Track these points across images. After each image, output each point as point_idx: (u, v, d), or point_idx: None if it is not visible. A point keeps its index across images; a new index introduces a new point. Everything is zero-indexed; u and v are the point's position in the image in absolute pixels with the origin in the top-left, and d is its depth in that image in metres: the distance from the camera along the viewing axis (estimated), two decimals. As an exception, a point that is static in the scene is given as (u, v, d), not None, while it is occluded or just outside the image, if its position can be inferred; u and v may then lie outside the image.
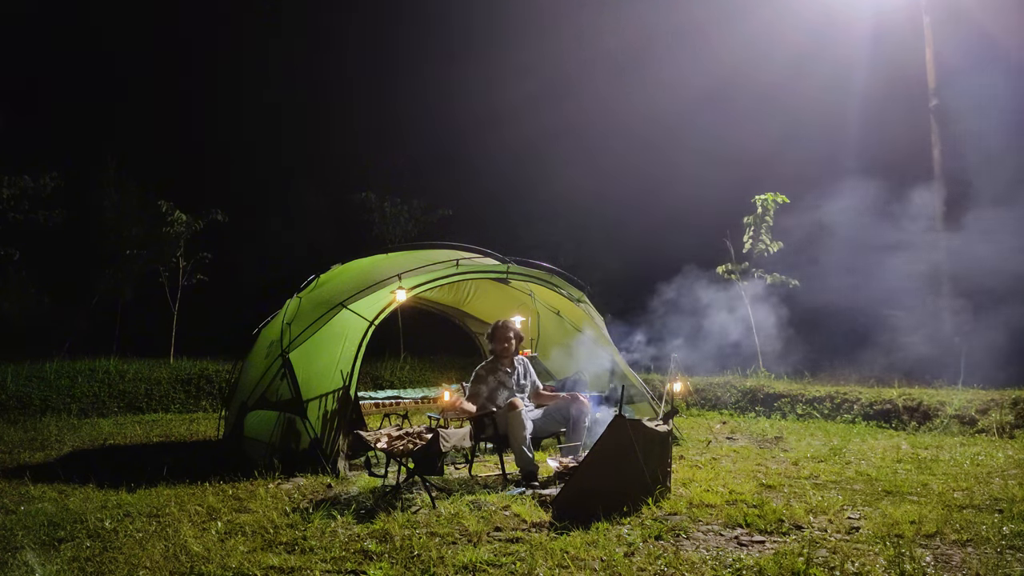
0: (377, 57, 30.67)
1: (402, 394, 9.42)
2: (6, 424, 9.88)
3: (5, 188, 14.06)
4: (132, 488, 5.57)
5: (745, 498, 5.11)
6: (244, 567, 3.73)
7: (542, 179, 22.83)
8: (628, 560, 3.83)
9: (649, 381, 10.50)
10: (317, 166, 25.43)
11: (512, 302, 9.60)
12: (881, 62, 17.38)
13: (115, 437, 8.86)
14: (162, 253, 15.43)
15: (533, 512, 4.78)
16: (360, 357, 6.59)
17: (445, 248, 8.06)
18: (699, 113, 21.62)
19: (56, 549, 4.10)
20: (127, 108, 24.90)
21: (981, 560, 3.81)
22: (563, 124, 24.74)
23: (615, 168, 23.35)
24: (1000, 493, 5.29)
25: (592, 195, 21.81)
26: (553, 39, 26.89)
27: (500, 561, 3.83)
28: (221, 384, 12.26)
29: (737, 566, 3.71)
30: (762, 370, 12.63)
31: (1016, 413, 8.53)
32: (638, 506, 4.78)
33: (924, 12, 14.07)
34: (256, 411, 6.92)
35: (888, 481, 5.78)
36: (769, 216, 13.13)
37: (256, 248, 21.30)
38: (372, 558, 3.90)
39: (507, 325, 6.64)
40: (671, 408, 6.06)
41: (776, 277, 13.13)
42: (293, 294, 7.94)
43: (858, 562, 3.75)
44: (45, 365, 12.00)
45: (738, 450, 7.54)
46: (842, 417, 9.98)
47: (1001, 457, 6.89)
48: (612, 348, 8.27)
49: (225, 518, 4.68)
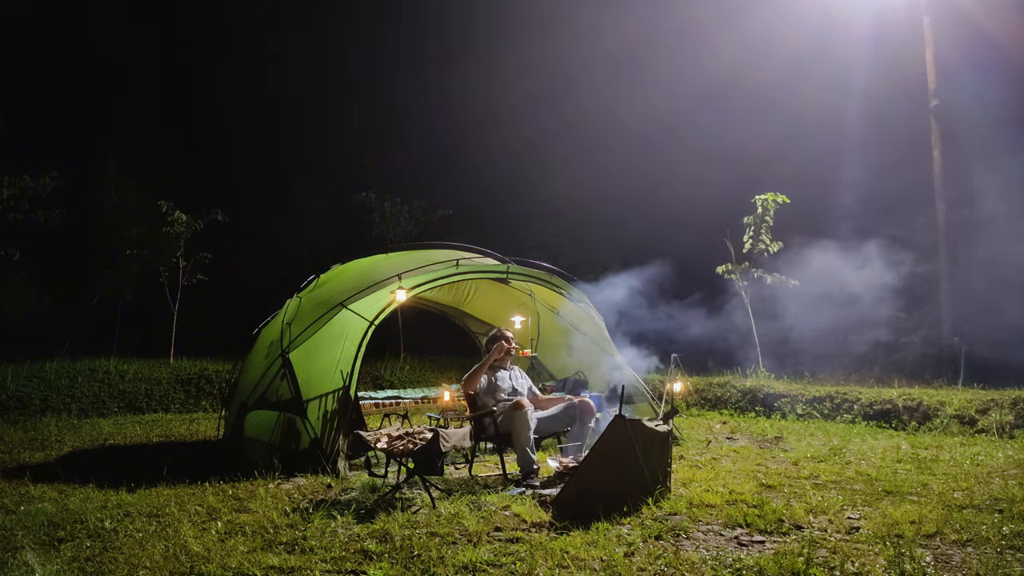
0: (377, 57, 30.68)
1: (402, 394, 9.42)
2: (6, 424, 9.88)
3: (5, 188, 14.07)
4: (132, 488, 5.57)
5: (745, 498, 5.11)
6: (244, 567, 3.73)
7: (542, 179, 22.86)
8: (628, 560, 3.83)
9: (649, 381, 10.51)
10: (317, 166, 25.46)
11: (512, 302, 9.60)
12: (881, 62, 17.39)
13: (115, 437, 8.86)
14: (162, 253, 15.43)
15: (533, 512, 4.78)
16: (360, 357, 6.59)
17: (445, 248, 8.06)
18: (699, 113, 21.64)
19: (56, 549, 4.10)
20: (127, 108, 24.92)
21: (981, 560, 3.81)
22: (563, 124, 24.77)
23: (615, 168, 23.37)
24: (1000, 493, 5.29)
25: (592, 195, 21.84)
26: (553, 39, 26.91)
27: (500, 561, 3.83)
28: (221, 384, 12.26)
29: (737, 566, 3.71)
30: (762, 370, 12.63)
31: (1016, 413, 8.53)
32: (638, 506, 4.78)
33: (924, 12, 14.08)
34: (256, 411, 6.91)
35: (888, 481, 5.78)
36: (769, 216, 13.13)
37: (256, 248, 21.31)
38: (372, 558, 3.90)
39: (503, 333, 6.68)
40: (671, 408, 6.06)
41: (776, 277, 13.13)
42: (293, 294, 7.94)
43: (858, 562, 3.75)
44: (45, 365, 12.00)
45: (738, 450, 7.54)
46: (842, 417, 9.98)
47: (1001, 457, 6.89)
48: (612, 348, 8.27)
49: (225, 518, 4.68)
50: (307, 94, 28.25)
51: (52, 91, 24.28)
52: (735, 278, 13.33)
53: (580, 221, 22.08)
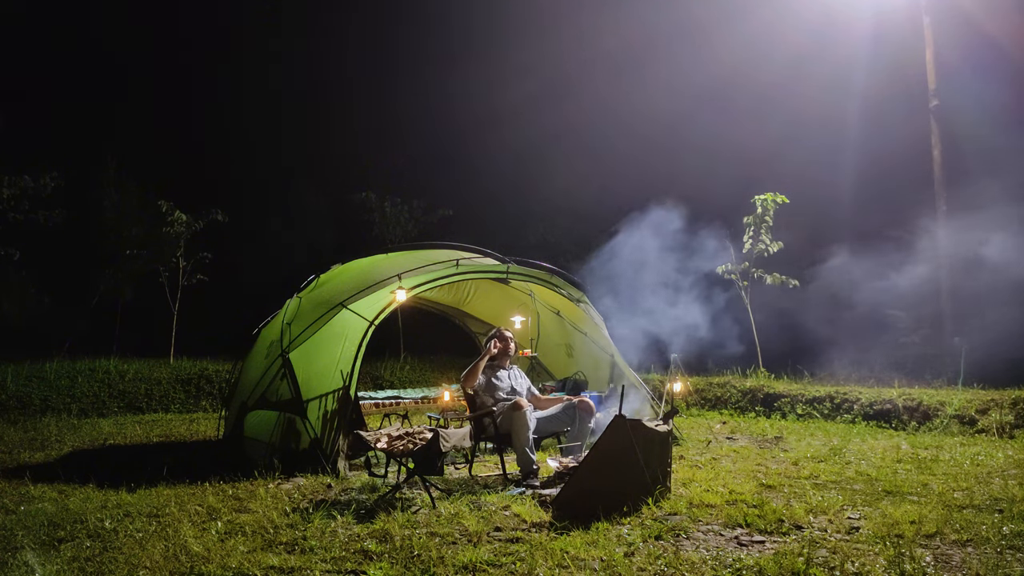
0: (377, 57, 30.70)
1: (402, 394, 9.42)
2: (6, 424, 9.88)
3: (5, 188, 14.07)
4: (132, 488, 5.57)
5: (745, 498, 5.11)
6: (244, 567, 3.73)
7: (543, 178, 22.86)
8: (628, 560, 3.83)
9: (649, 381, 10.50)
10: (317, 166, 25.48)
11: (512, 302, 9.60)
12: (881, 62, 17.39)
13: (115, 437, 8.86)
14: (162, 253, 15.44)
15: (533, 512, 4.78)
16: (360, 357, 6.59)
17: (445, 248, 8.06)
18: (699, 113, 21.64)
19: (56, 549, 4.10)
20: (127, 108, 24.93)
21: (981, 560, 3.81)
22: (563, 124, 24.78)
23: (616, 167, 23.36)
24: (1000, 493, 5.29)
25: (593, 195, 21.82)
26: (553, 39, 26.92)
27: (500, 561, 3.83)
28: (221, 384, 12.26)
29: (737, 566, 3.71)
30: (762, 370, 12.63)
31: (1016, 413, 8.53)
32: (638, 506, 4.78)
33: (924, 12, 14.07)
34: (256, 411, 6.92)
35: (888, 481, 5.78)
36: (769, 216, 13.13)
37: (256, 248, 21.31)
38: (372, 558, 3.90)
39: (501, 332, 6.69)
40: (671, 408, 6.06)
41: (776, 277, 13.13)
42: (293, 294, 7.94)
43: (858, 562, 3.75)
44: (45, 365, 12.00)
45: (738, 450, 7.54)
46: (842, 417, 9.98)
47: (1001, 457, 6.89)
48: (612, 348, 8.28)
49: (225, 518, 4.68)
50: (307, 94, 28.30)
51: (52, 91, 24.31)
52: (735, 278, 13.34)
53: (580, 221, 22.07)
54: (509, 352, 6.66)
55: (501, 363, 6.63)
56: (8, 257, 14.28)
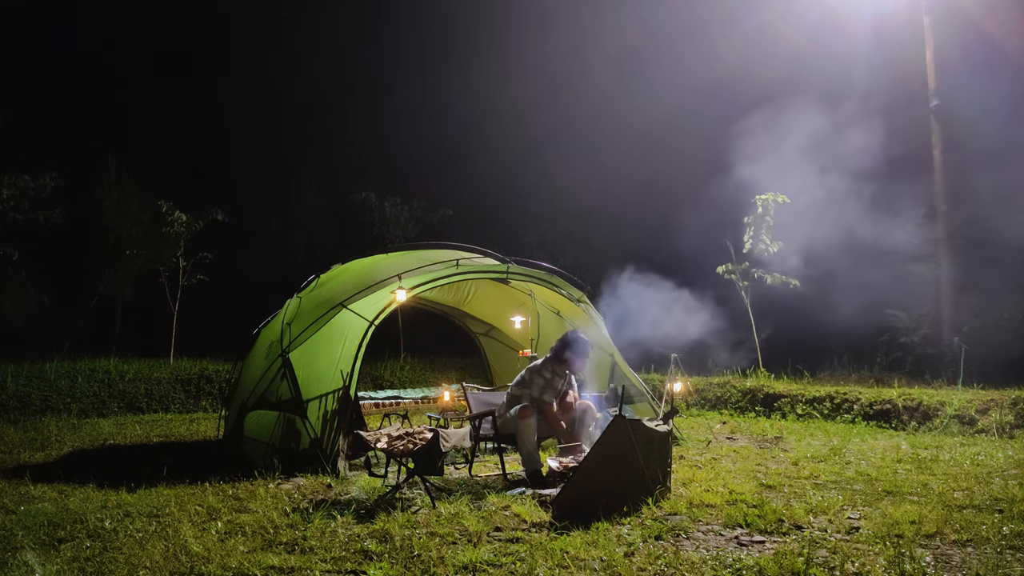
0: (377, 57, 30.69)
1: (402, 394, 9.43)
2: (6, 424, 9.88)
3: (5, 188, 14.08)
4: (132, 488, 5.57)
5: (745, 498, 5.11)
6: (244, 567, 3.73)
7: (543, 179, 22.84)
8: (628, 560, 3.83)
9: (649, 381, 10.50)
10: (317, 166, 25.47)
11: (512, 302, 9.60)
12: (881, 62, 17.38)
13: (115, 437, 8.86)
14: (162, 253, 15.43)
15: (533, 512, 4.78)
16: (360, 357, 6.59)
17: (445, 248, 8.06)
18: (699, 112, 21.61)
19: (56, 549, 4.10)
20: (127, 108, 24.94)
21: (981, 560, 3.81)
22: (563, 124, 24.77)
23: (616, 167, 23.35)
24: (1000, 493, 5.29)
25: (593, 194, 21.82)
26: (553, 39, 26.90)
27: (500, 561, 3.83)
28: (221, 384, 12.26)
29: (737, 566, 3.71)
30: (762, 370, 12.63)
31: (1016, 413, 8.53)
32: (638, 506, 4.78)
33: (924, 12, 14.07)
34: (256, 411, 6.91)
35: (888, 481, 5.78)
36: (769, 216, 13.13)
37: (256, 248, 21.30)
38: (372, 558, 3.90)
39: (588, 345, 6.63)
40: (671, 408, 6.06)
41: (776, 277, 13.12)
42: (293, 294, 7.94)
43: (858, 562, 3.75)
44: (45, 365, 12.00)
45: (738, 450, 7.54)
46: (842, 417, 9.98)
47: (1001, 457, 6.89)
48: (612, 348, 8.28)
49: (225, 518, 4.68)
50: (307, 94, 28.29)
51: (52, 91, 24.32)
52: (735, 278, 13.33)
53: (580, 221, 22.06)
54: (566, 374, 6.58)
55: (560, 372, 6.51)
56: (8, 257, 14.28)
